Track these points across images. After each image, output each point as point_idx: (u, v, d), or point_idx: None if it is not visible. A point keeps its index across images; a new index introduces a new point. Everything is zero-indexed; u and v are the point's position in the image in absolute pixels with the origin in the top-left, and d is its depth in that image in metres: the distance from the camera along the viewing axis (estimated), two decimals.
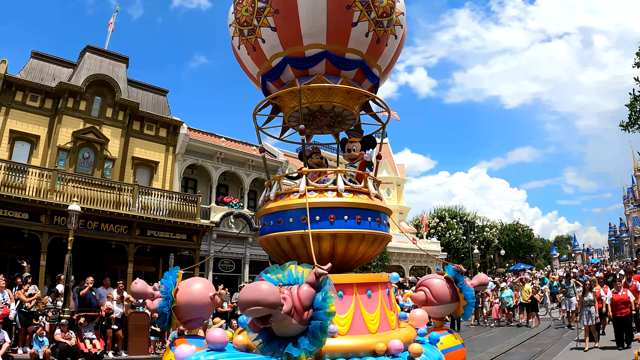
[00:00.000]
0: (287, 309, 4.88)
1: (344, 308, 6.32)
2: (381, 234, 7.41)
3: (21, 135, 23.59)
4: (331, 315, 5.15)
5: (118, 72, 27.49)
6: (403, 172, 50.36)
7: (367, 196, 7.39)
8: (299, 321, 5.05)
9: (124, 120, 26.27)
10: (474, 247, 45.01)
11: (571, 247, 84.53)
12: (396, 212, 47.62)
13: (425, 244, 45.60)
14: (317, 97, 7.93)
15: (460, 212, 56.92)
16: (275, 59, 7.92)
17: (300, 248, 6.94)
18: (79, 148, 24.45)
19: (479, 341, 19.28)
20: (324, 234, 6.81)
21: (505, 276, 38.61)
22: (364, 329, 6.34)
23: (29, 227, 20.29)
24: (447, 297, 7.62)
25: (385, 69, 8.64)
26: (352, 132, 8.62)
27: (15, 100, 23.53)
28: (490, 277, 37.53)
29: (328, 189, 7.16)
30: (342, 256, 7.12)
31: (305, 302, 5.06)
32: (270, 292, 4.70)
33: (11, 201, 19.79)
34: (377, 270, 34.73)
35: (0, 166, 20.62)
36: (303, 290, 5.13)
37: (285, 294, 5.01)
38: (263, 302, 4.63)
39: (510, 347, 17.07)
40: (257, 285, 4.77)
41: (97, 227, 22.06)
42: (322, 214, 6.87)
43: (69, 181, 22.14)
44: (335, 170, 7.40)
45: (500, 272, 49.38)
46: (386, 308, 6.90)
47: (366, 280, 6.86)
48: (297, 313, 5.01)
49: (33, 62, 26.19)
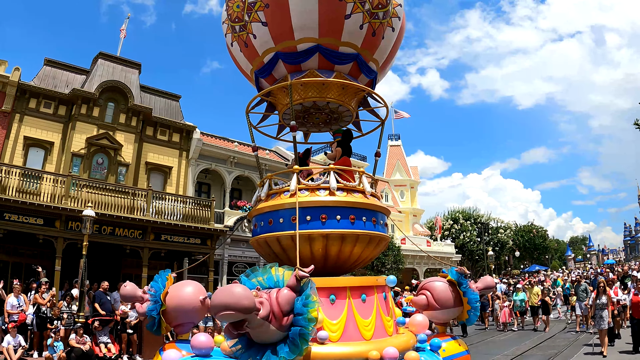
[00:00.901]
0: (264, 314, 4.49)
1: (336, 313, 5.94)
2: (377, 235, 6.96)
3: (35, 142, 23.52)
4: (312, 322, 4.74)
5: (131, 78, 27.35)
6: (416, 174, 49.61)
7: (362, 195, 6.99)
8: (278, 327, 4.65)
9: (137, 126, 26.14)
10: (488, 249, 44.44)
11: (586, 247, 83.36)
12: (410, 215, 47.18)
13: (440, 246, 45.04)
14: (310, 93, 7.58)
15: (474, 213, 56.22)
16: (267, 55, 7.59)
17: (292, 250, 6.50)
18: (92, 154, 24.34)
19: (494, 343, 18.77)
20: (315, 234, 6.44)
21: (521, 278, 37.42)
22: (358, 336, 5.94)
23: (44, 232, 20.23)
24: (449, 301, 7.15)
25: (383, 63, 8.21)
26: (337, 134, 8.25)
27: (29, 107, 23.49)
28: (505, 279, 36.81)
29: (320, 188, 6.78)
30: (335, 258, 6.73)
31: (284, 306, 4.66)
32: (244, 296, 4.29)
33: (26, 207, 19.78)
34: (391, 272, 34.24)
35: (15, 172, 20.61)
36: (282, 294, 4.73)
37: (264, 298, 4.62)
38: (235, 307, 4.22)
39: (526, 350, 16.53)
40: (230, 288, 4.37)
41: (111, 232, 21.92)
42: (313, 213, 6.49)
43: (83, 187, 22.00)
44: (328, 167, 7.00)
45: (515, 274, 48.58)
46: (382, 313, 6.47)
47: (360, 284, 6.44)
48: (275, 318, 4.61)
49: (46, 69, 26.14)
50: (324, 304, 5.94)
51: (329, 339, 5.65)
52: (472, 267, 52.99)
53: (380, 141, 8.18)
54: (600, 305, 14.83)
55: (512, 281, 32.44)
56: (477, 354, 16.14)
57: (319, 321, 5.53)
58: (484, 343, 19.23)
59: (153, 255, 22.68)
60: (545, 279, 35.34)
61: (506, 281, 32.55)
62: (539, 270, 49.58)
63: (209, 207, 25.19)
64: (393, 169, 49.08)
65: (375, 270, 33.19)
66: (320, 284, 6.01)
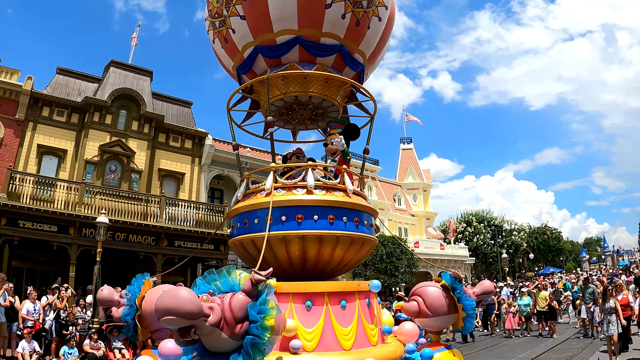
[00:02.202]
0: (214, 320, 4.03)
1: (312, 320, 5.47)
2: (360, 236, 6.44)
3: (49, 150, 23.43)
4: (266, 330, 4.19)
5: (142, 85, 27.23)
6: (429, 178, 49.01)
7: (344, 193, 6.49)
8: (230, 335, 4.16)
9: (150, 133, 25.97)
10: (502, 252, 43.90)
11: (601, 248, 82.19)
12: (423, 218, 46.69)
13: (453, 250, 44.53)
14: (292, 87, 7.18)
15: (488, 216, 55.61)
16: (246, 50, 7.25)
17: (267, 252, 6.03)
18: (105, 161, 24.20)
19: (508, 347, 18.11)
20: (290, 236, 5.99)
21: (531, 281, 36.16)
22: (336, 345, 5.47)
23: (58, 239, 20.27)
24: (442, 307, 6.37)
25: (371, 55, 7.76)
26: (333, 123, 7.63)
27: (42, 115, 23.41)
28: (518, 281, 36.26)
29: (297, 186, 6.34)
30: (314, 261, 6.25)
31: (237, 313, 4.17)
32: (187, 300, 3.81)
33: (40, 214, 19.83)
34: (404, 276, 33.92)
35: (29, 180, 20.64)
36: (235, 299, 4.24)
37: (215, 303, 4.17)
38: (177, 311, 3.74)
39: (541, 353, 15.95)
40: (174, 292, 3.87)
41: (125, 238, 21.90)
42: (289, 213, 6.06)
43: (96, 194, 22.00)
44: (306, 165, 6.54)
45: (529, 276, 48.02)
46: (365, 321, 5.96)
47: (340, 289, 5.93)
48: (227, 326, 4.14)
49: (59, 77, 26.06)
50: (299, 310, 5.52)
51: (303, 348, 5.22)
52: (486, 269, 52.46)
53: (369, 137, 7.72)
54: (608, 310, 13.89)
55: (519, 284, 31.03)
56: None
57: (291, 329, 5.14)
58: (497, 347, 18.52)
59: (167, 261, 22.51)
60: (559, 282, 34.24)
61: (509, 284, 31.43)
62: (554, 273, 48.90)
63: (222, 212, 24.96)
64: (405, 172, 48.62)
65: (388, 274, 32.86)
66: (295, 289, 5.65)
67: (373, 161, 44.94)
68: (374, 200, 40.53)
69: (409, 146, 50.53)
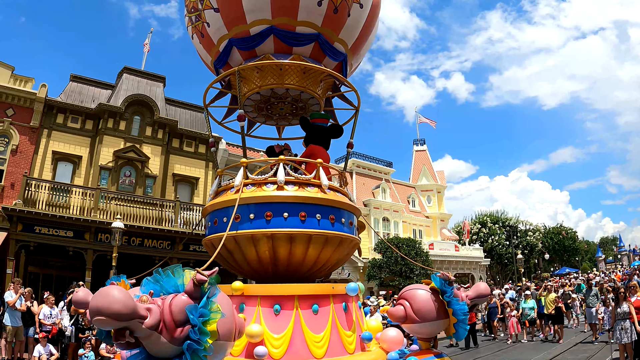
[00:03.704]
0: (152, 322, 3.67)
1: (281, 326, 5.05)
2: (337, 235, 5.92)
3: (64, 156, 23.34)
4: (206, 335, 3.78)
5: (156, 91, 27.13)
6: (443, 179, 48.46)
7: (318, 189, 5.99)
8: (169, 339, 3.78)
9: (164, 138, 25.80)
10: (517, 252, 43.27)
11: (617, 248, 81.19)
12: (437, 220, 46.15)
13: (468, 251, 44.01)
14: (269, 80, 6.77)
15: (502, 216, 54.59)
16: (222, 43, 6.93)
17: (237, 253, 5.73)
18: (120, 167, 24.10)
19: (523, 348, 17.53)
20: (259, 235, 5.54)
21: (536, 283, 34.52)
22: (306, 353, 5.02)
23: (74, 244, 20.37)
24: (431, 312, 5.70)
25: (354, 45, 7.28)
26: (316, 119, 7.17)
27: (56, 122, 23.34)
28: (533, 282, 35.59)
29: (268, 182, 5.92)
30: (286, 262, 5.79)
31: (176, 315, 3.80)
32: (117, 300, 3.46)
33: (56, 220, 19.92)
34: (419, 278, 33.35)
35: (44, 186, 20.66)
36: (176, 301, 3.87)
37: (157, 304, 3.83)
38: (106, 312, 3.41)
39: (557, 354, 15.39)
40: (105, 291, 3.53)
41: (140, 243, 21.90)
42: (257, 211, 5.63)
43: (111, 199, 22.03)
44: (277, 159, 6.12)
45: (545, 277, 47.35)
46: (340, 327, 5.47)
47: (311, 292, 5.45)
48: (166, 329, 3.77)
49: (72, 85, 26.01)
50: (267, 314, 5.12)
51: (269, 355, 4.83)
52: (502, 270, 51.85)
53: (354, 131, 7.26)
54: (620, 315, 12.60)
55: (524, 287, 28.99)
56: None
57: (257, 334, 4.77)
58: (513, 348, 17.98)
59: (182, 265, 22.38)
60: (571, 281, 32.96)
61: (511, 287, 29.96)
62: (570, 273, 48.28)
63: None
64: (419, 174, 48.08)
65: (403, 276, 32.46)
66: (263, 291, 5.29)
67: (387, 163, 44.62)
68: (388, 203, 40.23)
69: (423, 148, 50.04)
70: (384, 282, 32.53)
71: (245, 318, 5.04)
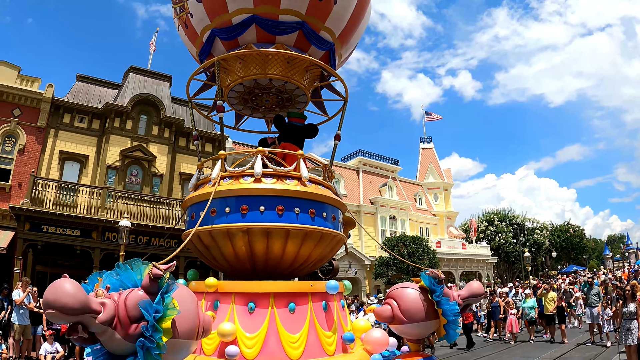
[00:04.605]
0: (106, 318, 3.46)
1: (255, 325, 4.77)
2: (317, 230, 5.58)
3: (71, 156, 23.27)
4: (159, 333, 3.52)
5: (162, 90, 27.01)
6: (449, 177, 48.05)
7: (298, 182, 5.67)
8: (124, 336, 3.56)
9: (170, 137, 25.69)
10: (524, 250, 43.00)
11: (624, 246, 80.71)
12: (444, 217, 45.85)
13: (475, 249, 43.74)
14: (252, 70, 6.48)
15: (509, 214, 54.27)
16: (205, 34, 6.69)
17: (214, 248, 5.48)
18: (127, 166, 24.02)
19: (523, 349, 17.08)
20: (234, 229, 5.24)
21: (541, 281, 33.76)
22: (281, 354, 4.73)
23: (81, 243, 20.36)
24: (420, 312, 5.28)
25: (342, 34, 6.95)
26: (293, 118, 6.93)
27: (63, 122, 23.27)
28: (541, 280, 35.29)
29: (245, 174, 5.61)
30: (264, 258, 5.48)
31: (131, 311, 3.56)
32: (66, 294, 3.27)
33: (63, 219, 19.90)
34: None
35: (51, 185, 20.66)
36: (131, 296, 3.63)
37: (113, 299, 3.62)
38: (55, 305, 3.23)
39: (565, 352, 15.10)
40: (57, 284, 3.34)
41: (147, 241, 21.85)
42: (233, 205, 5.35)
43: (118, 198, 21.99)
44: (255, 150, 5.81)
45: (552, 275, 47.09)
46: (319, 327, 5.15)
47: (288, 290, 5.13)
48: (121, 325, 3.56)
49: (79, 84, 25.90)
50: (241, 312, 4.86)
51: (242, 356, 4.55)
52: (509, 269, 51.57)
53: (341, 122, 6.94)
54: (627, 315, 11.93)
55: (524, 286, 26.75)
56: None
57: (229, 333, 4.54)
58: (526, 345, 17.78)
59: (189, 263, 22.36)
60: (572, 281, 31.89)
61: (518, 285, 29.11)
62: (577, 271, 47.95)
63: None
64: (426, 172, 47.77)
65: (410, 274, 32.31)
66: (238, 288, 5.02)
67: (393, 161, 44.44)
68: (395, 200, 40.06)
69: (429, 145, 49.75)
70: (391, 280, 32.40)
71: (215, 316, 4.80)
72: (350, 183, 39.23)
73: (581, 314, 22.36)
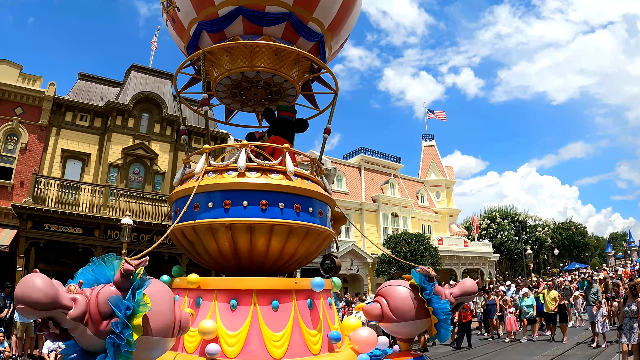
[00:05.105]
0: (76, 314, 3.38)
1: (237, 322, 4.63)
2: (302, 225, 5.39)
3: (72, 154, 23.22)
4: (128, 329, 3.40)
5: (164, 88, 26.86)
6: (452, 174, 48.01)
7: (283, 176, 5.50)
8: (95, 332, 3.46)
9: (172, 135, 25.59)
10: (526, 248, 42.91)
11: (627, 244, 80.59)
12: (446, 215, 45.77)
13: (477, 246, 43.61)
14: (239, 63, 6.32)
15: (512, 212, 53.93)
16: (192, 27, 6.57)
17: (198, 244, 5.37)
18: (129, 164, 23.98)
19: (521, 348, 16.83)
20: (216, 225, 5.11)
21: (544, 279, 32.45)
22: (263, 353, 4.57)
23: (84, 241, 20.33)
24: (410, 311, 5.05)
25: (332, 25, 6.75)
26: (283, 112, 6.74)
27: (65, 120, 23.22)
28: (543, 277, 35.13)
29: (229, 169, 5.47)
30: (248, 254, 5.31)
31: (102, 307, 3.46)
32: (35, 289, 3.20)
33: (65, 217, 19.88)
34: None
35: (54, 184, 20.65)
36: (103, 292, 3.52)
37: (85, 294, 3.53)
38: (25, 300, 3.17)
39: (565, 351, 14.92)
40: (27, 279, 3.28)
41: (149, 239, 21.72)
42: (216, 199, 5.21)
43: (120, 196, 21.95)
44: (240, 144, 5.64)
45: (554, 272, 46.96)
46: (303, 325, 4.96)
47: (272, 287, 4.95)
48: (92, 321, 3.46)
49: (81, 83, 25.85)
50: (223, 310, 4.73)
51: (224, 354, 4.41)
52: (511, 266, 51.45)
53: (332, 115, 6.73)
54: (630, 313, 11.71)
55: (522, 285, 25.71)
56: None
57: (209, 331, 4.43)
58: (528, 343, 17.56)
59: (191, 261, 22.34)
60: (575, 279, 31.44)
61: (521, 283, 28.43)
62: (579, 269, 47.84)
63: None
64: (428, 169, 47.60)
65: None
66: (220, 285, 4.90)
67: (395, 159, 44.35)
68: (397, 198, 39.97)
69: (431, 143, 49.56)
70: (393, 277, 32.33)
71: (194, 313, 4.71)
72: (353, 181, 39.16)
73: (580, 312, 22.23)
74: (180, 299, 5.16)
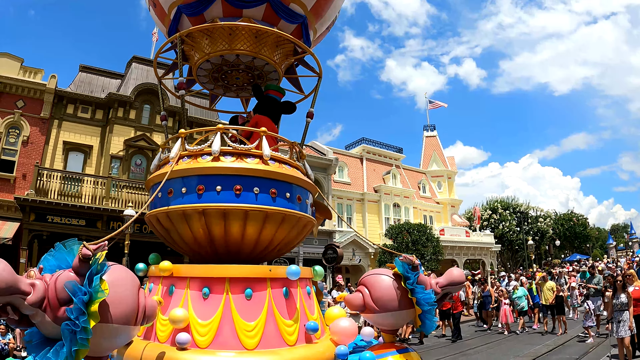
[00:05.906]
0: (34, 299, 3.28)
1: (209, 311, 4.44)
2: (279, 211, 5.15)
3: (75, 146, 23.29)
4: (83, 316, 3.25)
5: (165, 80, 26.92)
6: (453, 165, 47.88)
7: (259, 160, 5.25)
8: (53, 319, 3.35)
9: (174, 127, 25.50)
10: (528, 239, 42.85)
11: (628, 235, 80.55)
12: (448, 205, 45.60)
13: (479, 237, 43.51)
14: (219, 46, 6.14)
15: (513, 203, 53.64)
16: (172, 11, 6.31)
17: (173, 231, 5.21)
18: (131, 155, 24.03)
19: (516, 340, 16.73)
20: (189, 210, 4.92)
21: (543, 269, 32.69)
22: (235, 343, 4.37)
23: (86, 233, 20.33)
24: (392, 301, 4.80)
25: (315, 7, 6.45)
26: (271, 91, 6.54)
27: (67, 112, 23.27)
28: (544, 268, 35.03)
29: (204, 153, 5.30)
30: (223, 241, 5.10)
31: (60, 293, 3.34)
32: None
33: (68, 209, 19.99)
34: (430, 264, 32.99)
35: (56, 176, 20.68)
36: (61, 277, 3.39)
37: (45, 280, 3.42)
38: None
39: (552, 348, 14.54)
40: None
41: (152, 230, 21.77)
42: (189, 185, 5.00)
43: (122, 187, 22.03)
44: (215, 128, 5.48)
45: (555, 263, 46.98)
46: (278, 315, 4.72)
47: (245, 275, 4.71)
48: (50, 307, 3.35)
49: (82, 75, 25.85)
50: (195, 298, 4.57)
51: (195, 344, 4.26)
52: (512, 257, 51.45)
53: (315, 99, 6.55)
54: (618, 306, 11.48)
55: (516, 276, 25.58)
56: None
57: (180, 320, 4.29)
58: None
59: None
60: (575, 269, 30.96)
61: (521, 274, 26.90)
62: (580, 260, 47.82)
63: None
64: (429, 160, 47.45)
65: None
66: (193, 272, 4.71)
67: (397, 149, 44.19)
68: (399, 188, 39.88)
69: (433, 133, 49.35)
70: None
71: (162, 301, 4.56)
72: (354, 171, 39.10)
73: (576, 304, 22.01)
74: (155, 287, 5.03)
